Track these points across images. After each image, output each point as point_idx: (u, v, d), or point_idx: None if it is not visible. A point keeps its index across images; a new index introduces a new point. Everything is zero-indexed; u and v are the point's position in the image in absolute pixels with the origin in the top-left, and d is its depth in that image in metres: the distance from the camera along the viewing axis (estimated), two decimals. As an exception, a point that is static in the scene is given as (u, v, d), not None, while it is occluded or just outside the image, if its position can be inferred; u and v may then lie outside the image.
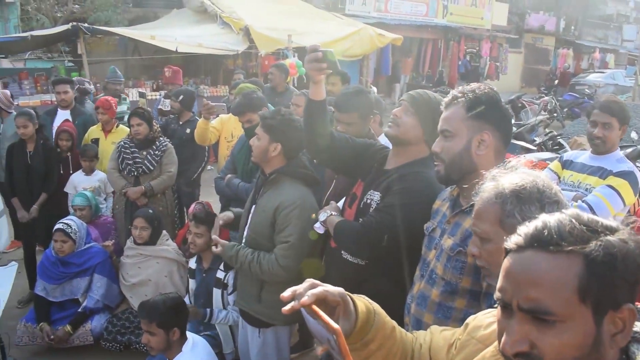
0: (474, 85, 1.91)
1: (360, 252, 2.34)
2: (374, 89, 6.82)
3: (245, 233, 2.92)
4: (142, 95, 6.76)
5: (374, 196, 2.33)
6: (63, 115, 5.49)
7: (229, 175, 3.85)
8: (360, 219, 2.34)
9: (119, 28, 10.15)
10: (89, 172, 4.96)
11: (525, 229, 0.95)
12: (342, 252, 2.44)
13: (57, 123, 5.32)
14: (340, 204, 2.64)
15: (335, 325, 0.97)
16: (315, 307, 1.04)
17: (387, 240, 2.18)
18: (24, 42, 8.31)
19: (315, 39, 9.45)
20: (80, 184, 4.90)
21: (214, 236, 3.04)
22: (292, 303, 1.08)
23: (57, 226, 4.03)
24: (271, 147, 2.76)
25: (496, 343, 1.18)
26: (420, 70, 19.21)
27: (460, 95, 1.87)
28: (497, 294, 0.98)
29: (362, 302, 1.23)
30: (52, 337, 3.90)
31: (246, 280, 2.91)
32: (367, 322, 1.21)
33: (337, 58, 2.33)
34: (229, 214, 3.08)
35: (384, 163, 2.41)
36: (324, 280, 1.17)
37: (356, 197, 2.46)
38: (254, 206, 2.90)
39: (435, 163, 1.95)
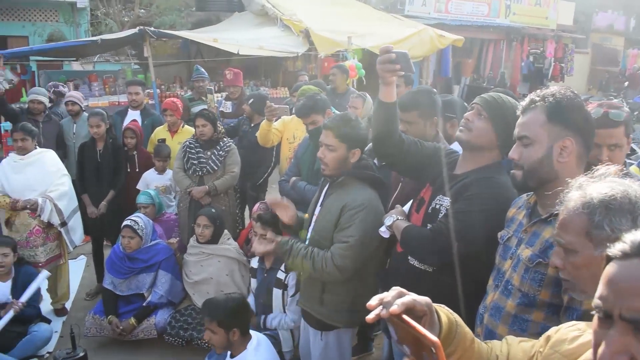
0: (553, 88, 1.82)
1: (428, 258, 2.28)
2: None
3: (308, 235, 2.91)
4: (209, 91, 6.94)
5: (443, 201, 2.27)
6: (133, 115, 5.69)
7: (294, 178, 3.84)
8: (429, 225, 2.29)
9: (183, 31, 10.39)
10: (161, 171, 5.12)
11: (632, 236, 0.91)
12: (409, 257, 2.40)
13: (127, 123, 5.49)
14: (406, 208, 2.59)
15: (434, 338, 0.94)
16: (407, 318, 1.01)
17: (457, 248, 2.12)
18: (93, 45, 8.64)
19: (375, 41, 9.38)
20: (152, 182, 5.07)
21: (270, 234, 3.01)
22: (377, 310, 1.06)
23: (125, 222, 4.18)
24: (350, 154, 2.75)
25: (582, 358, 1.12)
26: (481, 72, 18.73)
27: (539, 99, 1.78)
28: (596, 302, 0.93)
29: (444, 312, 1.21)
30: (121, 328, 4.04)
31: (308, 281, 2.91)
32: (450, 333, 1.19)
33: None
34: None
35: (454, 168, 2.34)
36: (389, 286, 1.14)
37: (424, 201, 2.40)
38: (318, 208, 2.89)
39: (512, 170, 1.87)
